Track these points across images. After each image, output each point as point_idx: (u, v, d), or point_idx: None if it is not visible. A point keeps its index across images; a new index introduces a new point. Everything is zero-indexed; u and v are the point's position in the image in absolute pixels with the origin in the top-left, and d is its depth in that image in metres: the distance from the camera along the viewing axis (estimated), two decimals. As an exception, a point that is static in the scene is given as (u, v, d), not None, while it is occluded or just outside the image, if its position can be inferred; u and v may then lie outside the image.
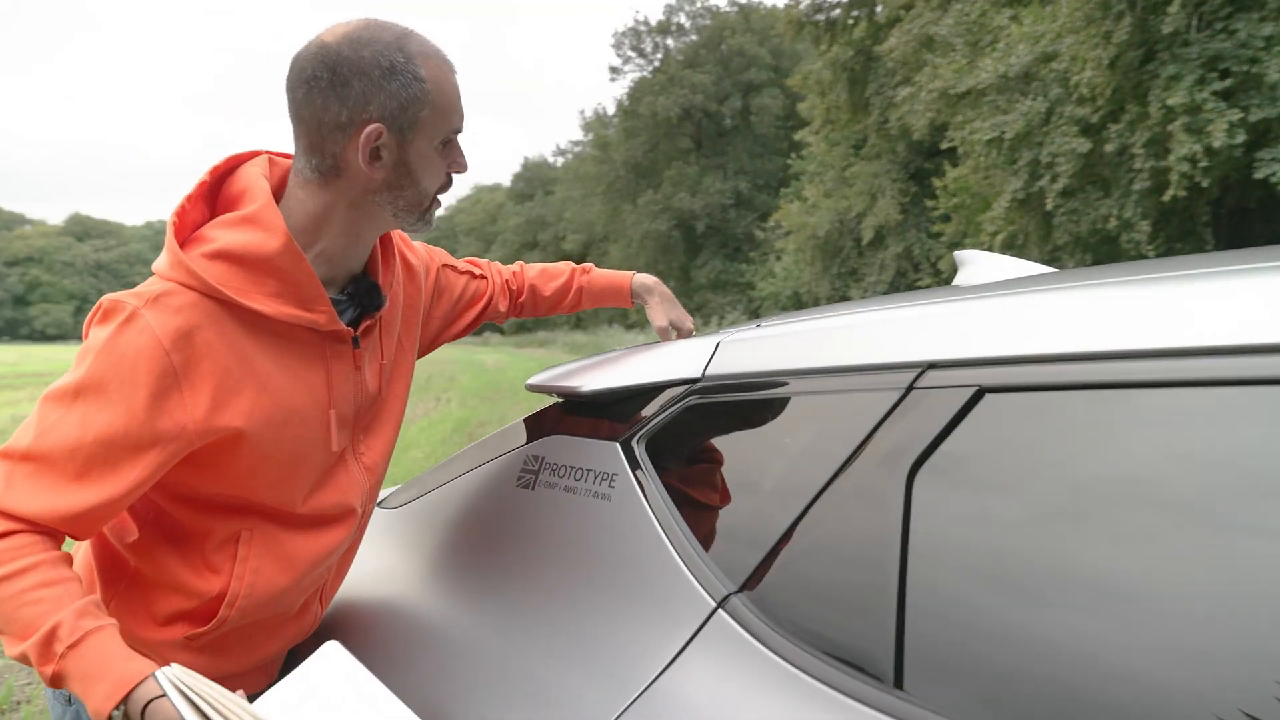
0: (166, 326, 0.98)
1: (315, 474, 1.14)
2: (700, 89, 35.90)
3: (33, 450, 0.98)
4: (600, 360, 1.35)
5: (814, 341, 1.05)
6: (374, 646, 1.23)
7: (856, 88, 19.92)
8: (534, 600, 1.12)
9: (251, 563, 1.12)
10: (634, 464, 1.12)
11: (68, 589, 0.96)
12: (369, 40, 1.05)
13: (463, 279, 1.46)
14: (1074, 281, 0.93)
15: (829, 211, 20.54)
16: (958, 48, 12.88)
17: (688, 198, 35.19)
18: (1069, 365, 0.80)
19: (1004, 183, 11.74)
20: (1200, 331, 0.72)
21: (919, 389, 0.90)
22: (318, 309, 1.08)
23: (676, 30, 39.39)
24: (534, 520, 1.21)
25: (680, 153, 37.87)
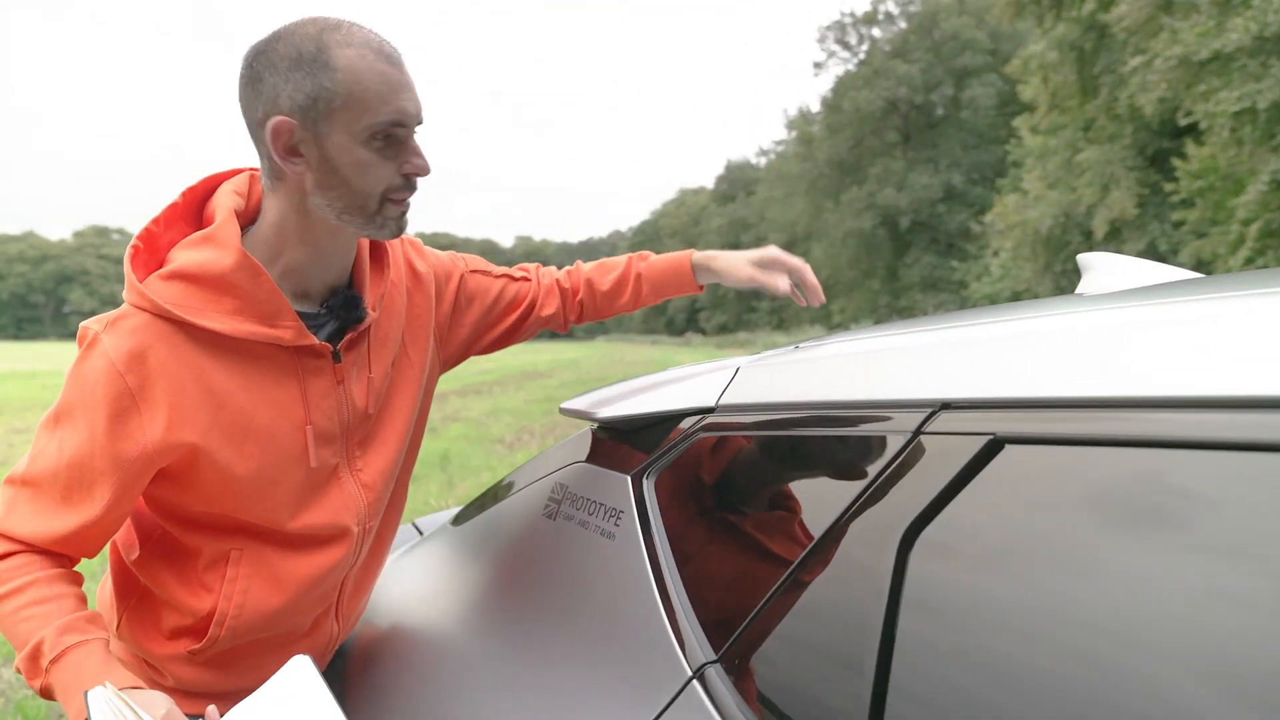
0: (120, 349, 0.98)
1: (297, 491, 1.10)
2: (907, 80, 34.22)
3: (27, 476, 1.03)
4: (637, 384, 1.24)
5: (827, 370, 0.89)
6: (391, 660, 1.21)
7: (1085, 67, 18.13)
8: (534, 640, 1.04)
9: (240, 583, 1.11)
10: (640, 501, 1.01)
11: (60, 605, 0.98)
12: (288, 33, 1.01)
13: (498, 283, 1.37)
14: (1201, 294, 0.71)
15: (1052, 204, 18.85)
16: (1202, 7, 11.32)
17: (893, 193, 33.68)
18: (1133, 414, 0.60)
19: (1261, 161, 10.18)
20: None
21: (927, 434, 0.73)
22: (281, 324, 1.04)
23: (884, 19, 37.83)
24: (550, 554, 1.12)
25: (886, 147, 36.33)
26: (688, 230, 67.79)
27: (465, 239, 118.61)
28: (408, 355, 1.22)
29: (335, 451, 1.13)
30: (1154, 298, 0.75)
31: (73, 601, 1.01)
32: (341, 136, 0.99)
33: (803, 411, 0.86)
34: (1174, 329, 0.64)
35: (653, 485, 1.02)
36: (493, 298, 1.35)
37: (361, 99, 0.98)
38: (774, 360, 1.01)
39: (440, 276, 1.30)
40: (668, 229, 71.47)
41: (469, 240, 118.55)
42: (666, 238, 71.16)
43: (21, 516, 1.02)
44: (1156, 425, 0.57)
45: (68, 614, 0.98)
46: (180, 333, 1.01)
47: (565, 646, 0.98)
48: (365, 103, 0.99)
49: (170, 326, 1.01)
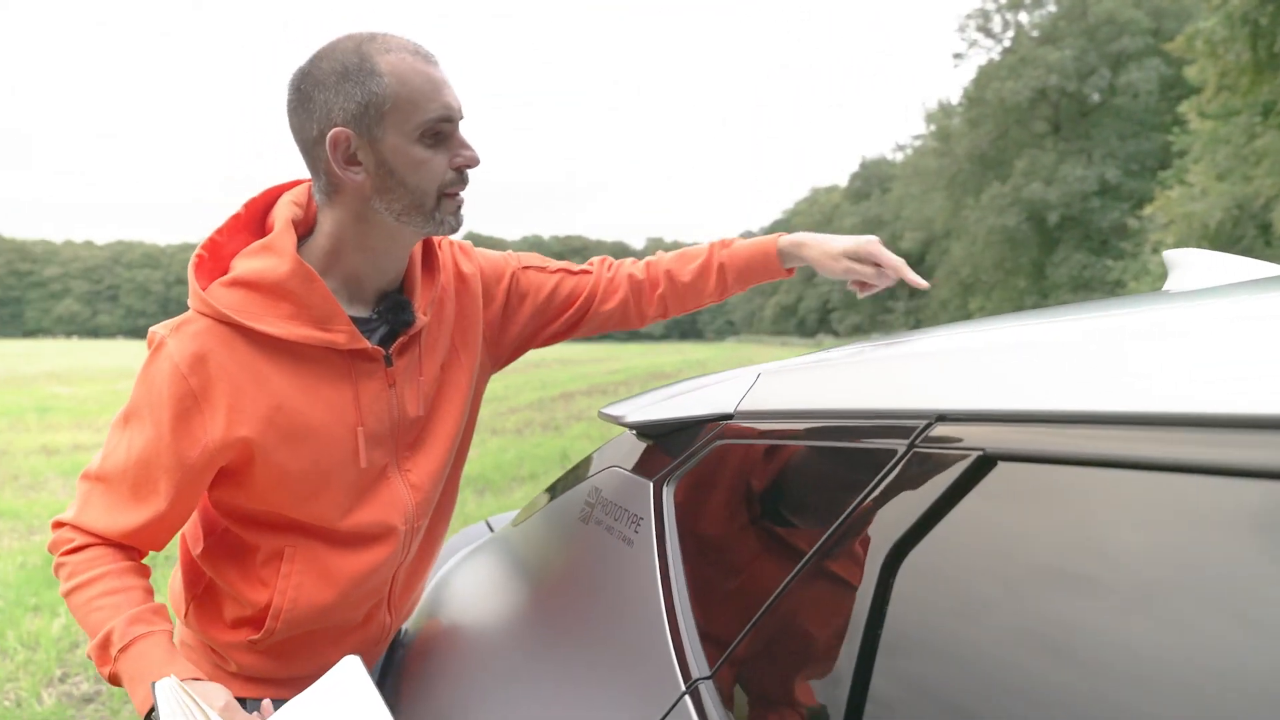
0: (184, 352, 1.04)
1: (348, 490, 1.14)
2: (1057, 67, 32.18)
3: (100, 472, 1.09)
4: (671, 389, 1.21)
5: (838, 378, 0.84)
6: (438, 655, 1.24)
7: (1261, 41, 16.49)
8: (551, 645, 1.03)
9: (294, 579, 1.15)
10: (659, 508, 0.99)
11: (129, 596, 1.04)
12: (329, 51, 1.06)
13: (552, 279, 1.36)
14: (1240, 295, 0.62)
15: (1223, 196, 17.29)
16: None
17: (1041, 188, 31.79)
18: (1132, 432, 0.53)
19: None
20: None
21: (921, 449, 0.67)
22: (335, 328, 1.08)
23: (1032, 4, 35.78)
24: (579, 558, 1.12)
25: (1033, 139, 34.34)
26: (819, 229, 66.41)
27: (597, 241, 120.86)
28: (457, 358, 1.25)
29: (385, 453, 1.17)
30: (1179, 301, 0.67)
31: (141, 593, 1.07)
32: (395, 137, 1.04)
33: (810, 421, 0.82)
34: (1178, 340, 0.57)
35: (673, 492, 1.00)
36: (546, 294, 1.35)
37: (409, 99, 1.03)
38: (792, 367, 0.97)
39: (489, 276, 1.32)
40: (799, 228, 70.37)
41: (600, 243, 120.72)
42: (798, 237, 70.01)
43: (95, 511, 1.09)
44: (1156, 445, 0.51)
45: (137, 605, 1.04)
46: (240, 337, 1.06)
47: (577, 653, 0.98)
48: (413, 102, 1.03)
49: (230, 331, 1.06)
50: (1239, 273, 1.04)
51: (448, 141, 1.07)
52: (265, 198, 1.18)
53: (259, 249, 1.10)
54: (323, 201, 1.11)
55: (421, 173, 1.06)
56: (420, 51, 1.06)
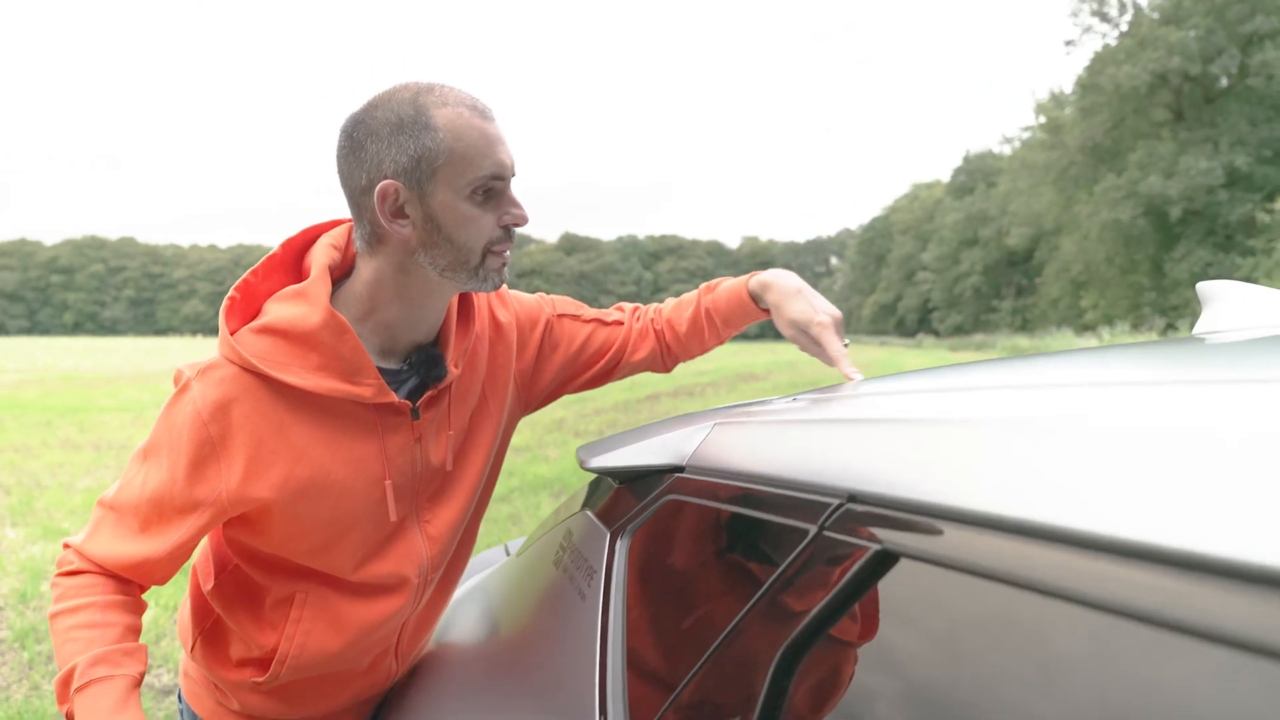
0: (207, 398, 1.02)
1: (364, 544, 1.12)
2: (1181, 49, 30.16)
3: (114, 501, 1.09)
4: (637, 431, 1.15)
5: (779, 438, 0.77)
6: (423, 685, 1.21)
7: None
8: (501, 693, 1.00)
9: (304, 625, 1.13)
10: (611, 563, 0.94)
11: (105, 633, 1.02)
12: (384, 100, 1.04)
13: (586, 328, 1.36)
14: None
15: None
16: None
17: (1159, 180, 29.88)
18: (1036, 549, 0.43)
19: None
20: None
21: (829, 533, 0.60)
22: (364, 382, 1.06)
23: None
24: (545, 604, 1.08)
25: (1152, 127, 32.32)
26: (920, 225, 64.55)
27: (692, 241, 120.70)
28: (487, 408, 1.23)
29: (406, 505, 1.15)
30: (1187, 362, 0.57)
31: (118, 631, 1.05)
32: (446, 193, 1.02)
33: (747, 483, 0.76)
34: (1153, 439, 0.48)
35: (628, 546, 0.94)
36: (579, 344, 1.34)
37: (464, 155, 1.01)
38: (746, 418, 0.90)
39: (524, 324, 1.30)
40: (899, 225, 68.45)
41: (695, 241, 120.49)
42: (898, 234, 68.18)
43: (100, 539, 1.09)
44: (1063, 570, 0.42)
45: (107, 644, 1.03)
46: (265, 386, 1.04)
47: (521, 706, 0.94)
48: (467, 158, 1.02)
49: (256, 380, 1.04)
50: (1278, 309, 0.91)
51: (498, 199, 1.06)
52: (304, 237, 1.16)
53: (292, 295, 1.08)
54: (364, 249, 1.09)
55: (469, 230, 1.04)
56: (477, 107, 1.05)
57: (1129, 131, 32.65)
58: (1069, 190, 35.10)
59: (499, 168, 1.03)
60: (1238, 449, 0.39)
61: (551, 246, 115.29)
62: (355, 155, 1.04)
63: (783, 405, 0.91)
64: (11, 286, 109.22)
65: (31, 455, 8.82)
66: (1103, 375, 0.65)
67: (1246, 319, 0.91)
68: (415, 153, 1.00)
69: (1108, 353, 0.77)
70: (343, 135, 1.06)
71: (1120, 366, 0.68)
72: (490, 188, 1.03)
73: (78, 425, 11.35)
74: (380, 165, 1.02)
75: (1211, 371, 0.59)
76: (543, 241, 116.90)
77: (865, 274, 75.50)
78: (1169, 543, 0.37)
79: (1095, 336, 24.58)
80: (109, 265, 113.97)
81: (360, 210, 1.06)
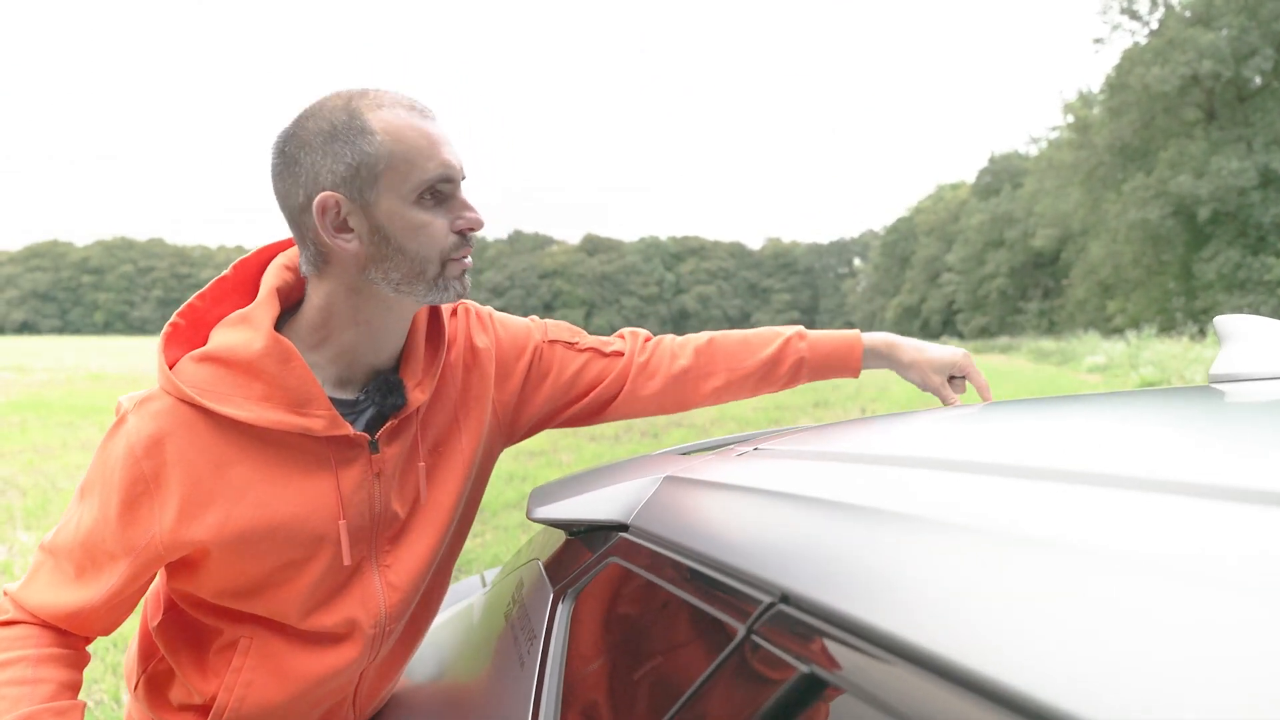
0: (141, 433, 0.95)
1: (314, 588, 1.03)
2: (1212, 50, 29.58)
3: (51, 545, 1.02)
4: (588, 477, 1.05)
5: (722, 508, 0.68)
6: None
7: None
8: None
9: (245, 674, 1.05)
10: (550, 628, 0.85)
11: (34, 690, 0.95)
12: (315, 110, 0.96)
13: (579, 358, 1.24)
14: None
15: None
16: None
17: (1190, 180, 29.30)
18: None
19: None
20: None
21: (759, 634, 0.51)
22: (313, 413, 0.97)
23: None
24: (491, 661, 1.00)
25: (1183, 127, 31.72)
26: (945, 227, 63.86)
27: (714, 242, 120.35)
28: (458, 441, 1.13)
29: (364, 548, 1.06)
30: None
31: (50, 688, 0.97)
32: (391, 200, 0.95)
33: (685, 558, 0.67)
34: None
35: (568, 610, 0.86)
36: (570, 374, 1.24)
37: (405, 157, 0.94)
38: (695, 474, 0.81)
39: (508, 351, 1.20)
40: (924, 226, 67.78)
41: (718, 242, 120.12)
42: (922, 235, 67.50)
43: (36, 587, 1.01)
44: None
45: (36, 703, 0.95)
46: (205, 419, 0.96)
47: None
48: (410, 161, 0.94)
49: (195, 413, 0.96)
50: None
51: (449, 203, 0.98)
52: (257, 259, 1.08)
53: (237, 320, 1.00)
54: (311, 274, 1.01)
55: (421, 238, 0.96)
56: (416, 107, 0.97)
57: (1159, 131, 32.07)
58: (1096, 190, 34.56)
59: (445, 169, 0.95)
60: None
61: (574, 248, 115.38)
62: (290, 171, 0.96)
63: (736, 458, 0.82)
64: (44, 287, 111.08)
65: (51, 456, 8.88)
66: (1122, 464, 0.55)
67: (1266, 359, 0.81)
68: (353, 160, 0.92)
69: (1129, 409, 0.67)
70: (274, 152, 0.98)
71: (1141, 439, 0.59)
72: (439, 191, 0.96)
73: (99, 426, 11.43)
74: (317, 178, 0.94)
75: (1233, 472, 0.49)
76: (565, 243, 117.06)
77: (889, 276, 74.83)
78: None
79: (1123, 339, 24.15)
80: (138, 266, 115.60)
81: (302, 231, 0.98)
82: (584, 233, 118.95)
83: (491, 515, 6.02)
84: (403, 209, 0.94)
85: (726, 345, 1.27)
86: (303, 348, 1.02)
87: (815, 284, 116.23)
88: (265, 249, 1.10)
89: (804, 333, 1.28)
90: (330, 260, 0.98)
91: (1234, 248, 29.17)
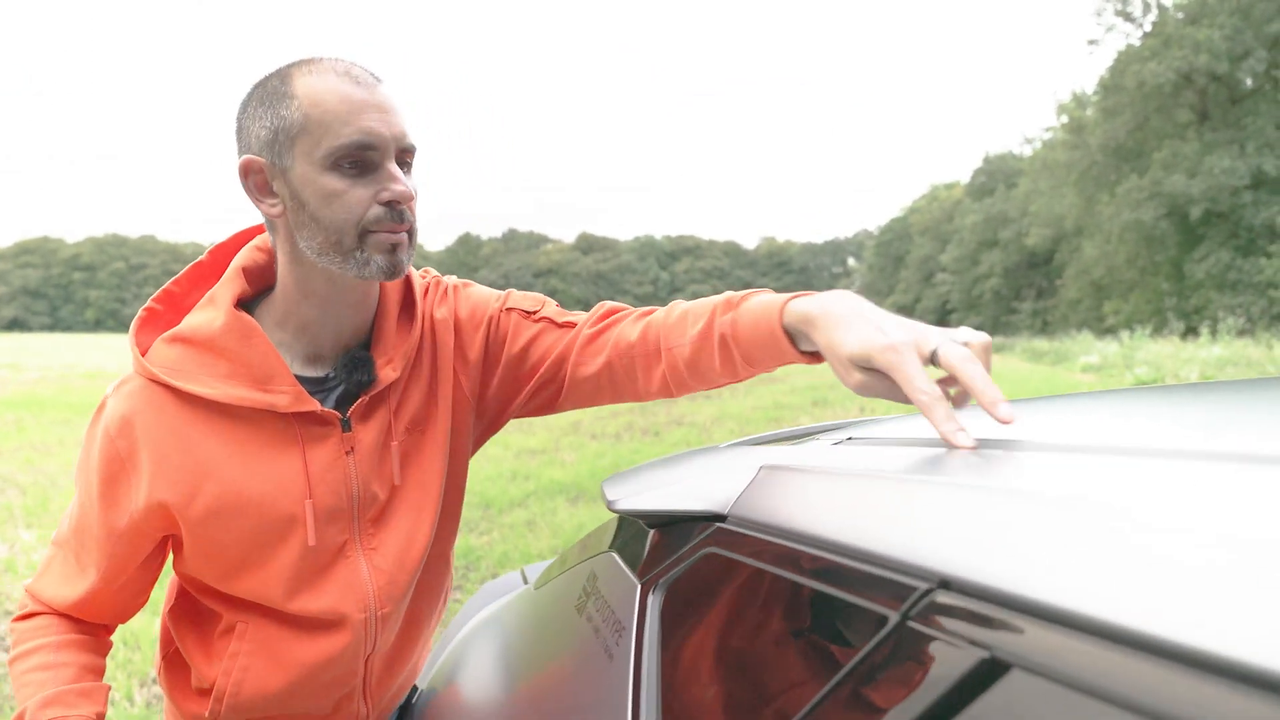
0: (115, 413, 0.97)
1: (294, 570, 1.02)
2: (1207, 47, 29.69)
3: (57, 538, 1.06)
4: (669, 470, 1.04)
5: (843, 495, 0.67)
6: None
7: None
8: None
9: (241, 659, 1.05)
10: (642, 620, 0.84)
11: (57, 674, 0.99)
12: (264, 78, 0.97)
13: (533, 327, 1.13)
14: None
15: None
16: None
17: (1183, 180, 29.43)
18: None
19: None
20: None
21: (913, 622, 0.50)
22: (276, 389, 0.97)
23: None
24: (568, 654, 0.99)
25: (1176, 128, 31.84)
26: (940, 227, 64.00)
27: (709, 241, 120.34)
28: (434, 418, 1.11)
29: (343, 529, 1.05)
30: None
31: (72, 671, 1.01)
32: (303, 165, 0.93)
33: (803, 545, 0.66)
34: None
35: (659, 602, 0.85)
36: (520, 346, 1.13)
37: (320, 121, 0.92)
38: (796, 463, 0.80)
39: (466, 323, 1.15)
40: (918, 226, 67.91)
41: (713, 241, 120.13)
42: (916, 235, 67.63)
43: (49, 579, 1.05)
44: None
45: (60, 685, 0.98)
46: (171, 398, 0.98)
47: None
48: (324, 125, 0.92)
49: (162, 392, 0.98)
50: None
51: (373, 172, 0.94)
52: (234, 242, 1.09)
53: (205, 301, 1.02)
54: (272, 242, 1.03)
55: (334, 206, 0.93)
56: (351, 73, 0.94)
57: (1152, 132, 32.21)
58: (1090, 191, 34.68)
59: (365, 135, 0.91)
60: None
61: (568, 246, 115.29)
62: (237, 137, 0.98)
63: (836, 447, 0.81)
64: (35, 284, 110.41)
65: (49, 454, 8.83)
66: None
67: None
68: (273, 124, 0.93)
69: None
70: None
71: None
72: (359, 159, 0.92)
73: (95, 424, 11.36)
74: (248, 142, 0.96)
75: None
76: (560, 242, 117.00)
77: (883, 275, 74.94)
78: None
79: (1116, 340, 24.24)
80: (130, 263, 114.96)
81: (250, 198, 0.99)
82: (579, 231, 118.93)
83: (498, 513, 6.00)
84: (315, 175, 0.92)
85: (665, 321, 1.04)
86: (271, 325, 1.02)
87: (810, 283, 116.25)
88: (241, 233, 1.11)
89: (733, 300, 0.98)
90: (274, 229, 1.00)
91: (1225, 249, 29.31)
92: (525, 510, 6.06)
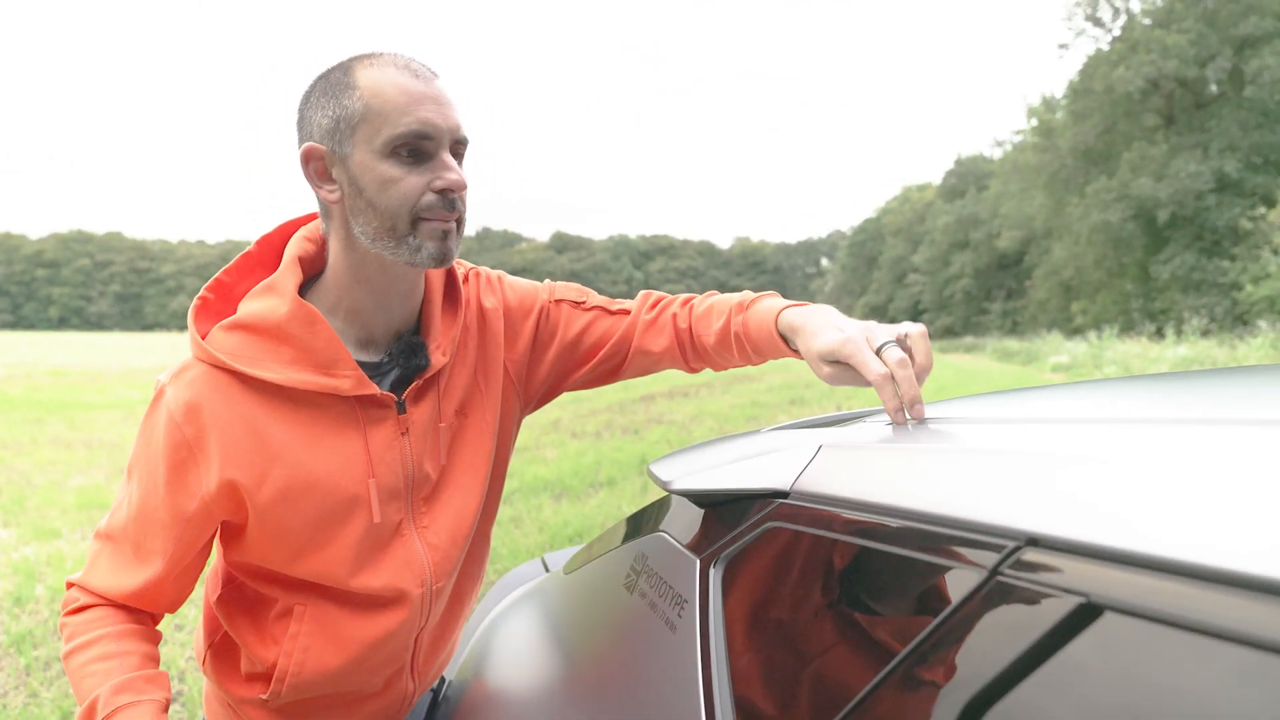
0: (178, 401, 0.98)
1: (357, 548, 1.06)
2: (1174, 52, 30.28)
3: (107, 530, 1.06)
4: (723, 451, 1.08)
5: (911, 465, 0.71)
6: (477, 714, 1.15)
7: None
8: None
9: (302, 640, 1.08)
10: (705, 593, 0.88)
11: (122, 662, 0.99)
12: (326, 71, 1.02)
13: (585, 316, 1.25)
14: None
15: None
16: None
17: (1150, 183, 30.01)
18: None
19: None
20: None
21: (1004, 577, 0.55)
22: (339, 373, 1.01)
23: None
24: (620, 632, 1.02)
25: (1144, 131, 32.47)
26: (911, 228, 64.72)
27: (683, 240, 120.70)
28: (480, 402, 1.16)
29: (400, 507, 1.09)
30: None
31: (136, 659, 1.01)
32: (363, 153, 0.97)
33: (876, 515, 0.70)
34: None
35: (720, 575, 0.89)
36: (576, 333, 1.25)
37: (379, 111, 0.96)
38: (858, 441, 0.84)
39: (515, 312, 1.23)
40: (890, 227, 68.63)
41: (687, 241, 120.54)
42: (889, 236, 68.34)
43: (101, 571, 1.05)
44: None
45: (127, 673, 0.99)
46: (237, 384, 1.00)
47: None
48: (383, 114, 0.96)
49: (227, 377, 1.00)
50: None
51: (428, 161, 0.98)
52: (280, 233, 1.12)
53: (262, 289, 1.04)
54: (325, 228, 1.06)
55: (390, 192, 0.97)
56: (411, 67, 0.99)
57: (1120, 136, 32.81)
58: (1060, 193, 35.28)
59: (422, 125, 0.96)
60: None
61: (543, 245, 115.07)
62: (299, 128, 1.02)
63: (889, 428, 0.86)
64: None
65: (22, 453, 8.69)
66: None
67: None
68: (335, 113, 0.97)
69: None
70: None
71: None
72: (415, 147, 0.97)
73: (67, 422, 11.20)
74: (310, 131, 1.00)
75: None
76: (534, 240, 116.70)
77: (856, 276, 75.66)
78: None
79: (1085, 340, 24.69)
80: (95, 260, 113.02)
81: (309, 182, 1.03)
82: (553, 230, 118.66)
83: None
84: (373, 162, 0.97)
85: (702, 310, 1.22)
86: (323, 310, 1.06)
87: (784, 283, 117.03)
88: (286, 224, 1.14)
89: (745, 303, 1.16)
90: (330, 215, 1.03)
91: (1190, 250, 29.93)
92: (511, 507, 6.07)
